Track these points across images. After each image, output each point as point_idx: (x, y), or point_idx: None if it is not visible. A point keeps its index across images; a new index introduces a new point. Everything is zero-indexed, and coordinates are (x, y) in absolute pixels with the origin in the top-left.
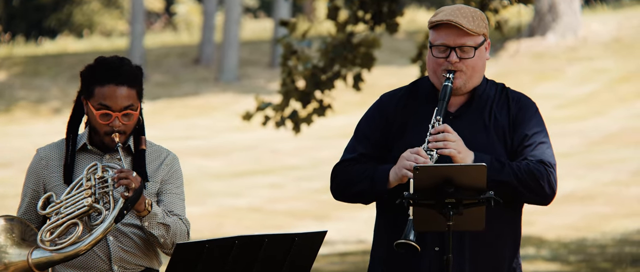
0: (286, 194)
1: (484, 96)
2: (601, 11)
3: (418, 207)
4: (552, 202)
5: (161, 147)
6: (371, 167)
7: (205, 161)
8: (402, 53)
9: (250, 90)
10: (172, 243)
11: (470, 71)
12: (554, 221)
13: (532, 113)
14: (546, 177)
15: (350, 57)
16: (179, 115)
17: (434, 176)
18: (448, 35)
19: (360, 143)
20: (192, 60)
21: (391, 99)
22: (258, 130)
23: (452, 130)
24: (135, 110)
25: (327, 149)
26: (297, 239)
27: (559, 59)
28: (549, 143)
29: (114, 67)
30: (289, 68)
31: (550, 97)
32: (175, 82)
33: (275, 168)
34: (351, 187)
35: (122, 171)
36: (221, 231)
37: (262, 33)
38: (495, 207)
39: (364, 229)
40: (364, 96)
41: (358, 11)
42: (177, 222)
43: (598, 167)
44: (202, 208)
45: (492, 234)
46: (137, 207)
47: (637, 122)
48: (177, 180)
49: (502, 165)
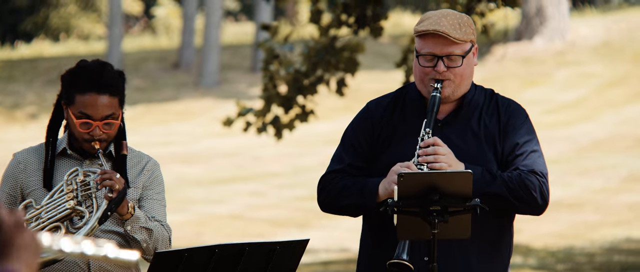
0: (268, 201)
1: (472, 103)
2: (590, 15)
3: (402, 215)
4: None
5: (142, 153)
6: (360, 180)
7: (185, 168)
8: (387, 57)
9: (231, 95)
10: (154, 249)
11: (459, 80)
12: (542, 229)
13: (523, 120)
14: (538, 188)
15: (333, 61)
16: (158, 121)
17: (419, 183)
18: (435, 44)
19: (348, 153)
20: (172, 65)
21: (378, 107)
22: (239, 137)
23: (442, 143)
24: (117, 118)
25: (309, 155)
26: (278, 248)
27: (546, 63)
28: (540, 151)
29: (96, 75)
30: (270, 73)
31: (538, 102)
32: (154, 87)
33: (257, 175)
34: (339, 201)
35: (106, 172)
36: (201, 240)
37: (243, 37)
38: (487, 215)
39: (348, 237)
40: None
41: (341, 15)
42: (158, 226)
43: (586, 174)
44: (181, 216)
45: (483, 243)
46: (120, 210)
47: (627, 127)
48: (158, 186)
49: (493, 177)
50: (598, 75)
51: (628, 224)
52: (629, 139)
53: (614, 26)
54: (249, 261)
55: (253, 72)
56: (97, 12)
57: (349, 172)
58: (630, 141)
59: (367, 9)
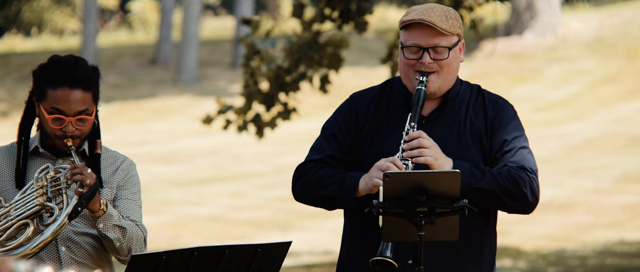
0: (249, 202)
1: (458, 98)
2: (582, 9)
3: (388, 217)
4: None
5: (117, 153)
6: (340, 172)
7: (163, 168)
8: (372, 53)
9: (211, 92)
10: (128, 249)
11: (445, 72)
12: (532, 231)
13: (511, 116)
14: (528, 184)
15: (316, 57)
16: (134, 118)
17: (405, 183)
18: (420, 35)
19: (328, 143)
20: (149, 61)
21: (363, 100)
22: (219, 135)
23: (427, 136)
24: (90, 115)
25: (292, 155)
26: (260, 250)
27: (537, 59)
28: (529, 148)
29: (69, 69)
30: (251, 69)
31: (528, 99)
32: (130, 84)
33: (237, 175)
34: (316, 190)
35: (76, 166)
36: (179, 242)
37: (223, 32)
38: (470, 216)
39: (331, 240)
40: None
41: (325, 9)
42: (133, 226)
43: (578, 174)
44: (159, 217)
45: (468, 245)
46: (92, 206)
47: (620, 126)
48: (134, 186)
49: (482, 172)
50: (590, 72)
51: (621, 226)
52: (622, 138)
53: (607, 21)
54: (229, 264)
55: (233, 69)
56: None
57: (328, 163)
58: (624, 140)
59: (352, 3)
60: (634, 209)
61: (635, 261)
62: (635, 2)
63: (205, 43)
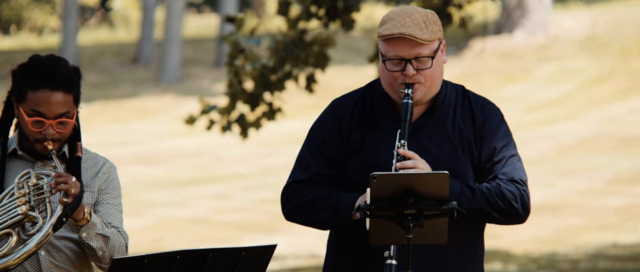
0: (233, 204)
1: (445, 103)
2: (573, 7)
3: (375, 219)
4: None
5: (97, 155)
6: (334, 194)
7: (145, 169)
8: (359, 52)
9: (194, 91)
10: (110, 257)
11: (429, 82)
12: (522, 234)
13: (499, 122)
14: (519, 198)
15: (302, 56)
16: (115, 118)
17: (393, 184)
18: (401, 47)
19: (315, 160)
20: (130, 59)
21: (344, 107)
22: (202, 136)
23: (419, 157)
24: (71, 117)
25: (277, 156)
26: (244, 254)
27: (528, 58)
28: (518, 154)
29: (50, 70)
30: (235, 68)
31: (519, 99)
32: (111, 83)
33: (221, 176)
34: (310, 214)
35: (61, 175)
36: (162, 245)
37: (207, 30)
38: (459, 219)
39: (317, 243)
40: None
41: (311, 6)
42: (115, 233)
43: (570, 175)
44: (141, 220)
45: (456, 248)
46: (76, 215)
47: (613, 126)
48: (115, 190)
49: (472, 192)
50: (582, 71)
51: (614, 229)
52: (614, 138)
53: (600, 19)
54: (212, 268)
55: (217, 68)
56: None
57: (316, 181)
58: (616, 141)
59: (338, 1)
60: (626, 211)
61: (628, 264)
62: (629, 0)
63: (188, 41)
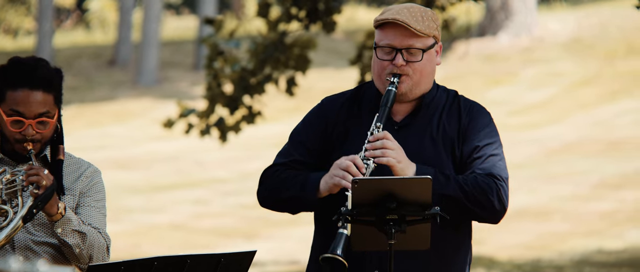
0: (212, 210)
1: (433, 104)
2: (559, 9)
3: (356, 225)
4: (503, 219)
5: (82, 160)
6: (302, 173)
7: (122, 173)
8: (340, 54)
9: (172, 94)
10: (89, 256)
11: (418, 76)
12: (507, 240)
13: (485, 123)
14: (495, 191)
15: (282, 58)
16: (92, 122)
17: (375, 189)
18: (394, 35)
19: (296, 148)
20: (107, 62)
21: (333, 104)
22: (180, 140)
23: (392, 138)
24: (52, 117)
25: (257, 160)
26: (223, 260)
27: (512, 61)
28: (502, 155)
29: (29, 70)
30: (214, 71)
31: (503, 102)
32: (87, 86)
33: (200, 181)
34: (279, 193)
35: (32, 167)
36: (139, 251)
37: (185, 32)
38: (443, 224)
39: (298, 249)
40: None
41: (291, 8)
42: (93, 232)
43: (555, 180)
44: (117, 226)
45: (440, 255)
46: (49, 209)
47: (598, 130)
48: (97, 194)
49: (447, 178)
50: (567, 74)
51: (599, 234)
52: (600, 142)
53: (585, 21)
54: None
55: (196, 70)
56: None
57: (293, 167)
58: (602, 145)
59: (319, 2)
60: (612, 217)
61: (613, 270)
62: (614, 2)
63: (166, 43)
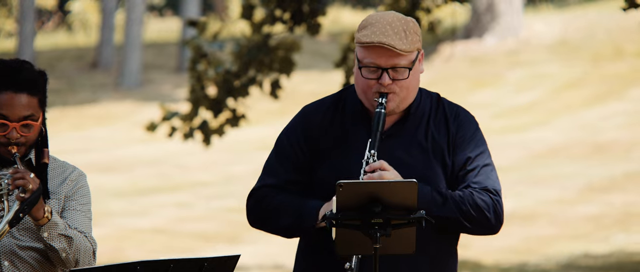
0: (195, 213)
1: (418, 112)
2: (545, 11)
3: (341, 229)
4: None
5: (66, 163)
6: (297, 200)
7: (104, 177)
8: (325, 57)
9: (155, 97)
10: (76, 261)
11: (405, 92)
12: (492, 244)
13: (473, 131)
14: (492, 208)
15: (267, 61)
16: (74, 125)
17: (360, 193)
18: (379, 55)
19: (283, 166)
20: (89, 64)
21: (315, 113)
22: (163, 143)
23: (389, 166)
24: (36, 120)
25: (241, 163)
26: (206, 265)
27: (498, 63)
28: (492, 164)
29: (13, 72)
30: (198, 73)
31: (489, 105)
32: (69, 89)
33: (183, 185)
34: (274, 221)
35: (18, 171)
36: (122, 256)
37: (168, 34)
38: (428, 228)
39: (282, 253)
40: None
41: (276, 10)
42: (80, 236)
43: (541, 184)
44: (100, 230)
45: (426, 259)
46: (35, 213)
47: (585, 133)
48: (83, 197)
49: (444, 198)
50: (554, 76)
51: (586, 238)
52: (587, 145)
53: (572, 23)
54: None
55: (179, 73)
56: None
57: (284, 188)
58: (589, 148)
59: (304, 4)
60: (599, 221)
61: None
62: (601, 4)
63: (149, 45)
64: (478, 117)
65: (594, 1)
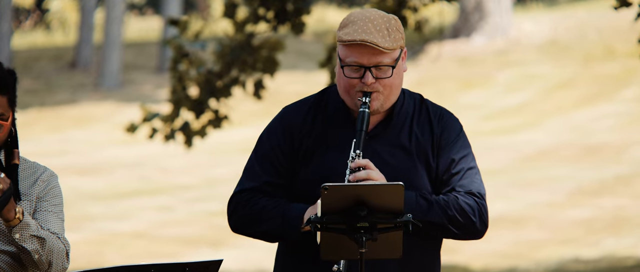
0: (176, 217)
1: (402, 113)
2: (535, 10)
3: (326, 233)
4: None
5: (38, 164)
6: (281, 204)
7: (83, 180)
8: (310, 56)
9: (135, 98)
10: (49, 262)
11: (388, 91)
12: (481, 248)
13: (457, 133)
14: (477, 212)
15: (250, 61)
16: (52, 127)
17: (345, 196)
18: (361, 54)
19: (264, 169)
20: (68, 64)
21: (296, 114)
22: (144, 145)
23: (374, 167)
24: (6, 120)
25: (223, 166)
26: (188, 269)
27: (486, 63)
28: (477, 167)
29: None
30: (179, 73)
31: (477, 106)
32: (47, 89)
33: (164, 188)
34: (256, 225)
35: None
36: (101, 260)
37: (149, 33)
38: (414, 232)
39: (265, 257)
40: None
41: (259, 8)
42: (52, 237)
43: (530, 187)
44: (79, 234)
45: (412, 264)
46: (7, 214)
47: (575, 135)
48: (55, 198)
49: (429, 204)
50: (544, 77)
51: (576, 242)
52: (577, 147)
53: (562, 23)
54: None
55: (160, 73)
56: None
57: (265, 191)
58: (579, 150)
59: (288, 3)
60: (589, 225)
61: None
62: (591, 4)
63: (129, 45)
64: (467, 119)
65: (585, 0)
